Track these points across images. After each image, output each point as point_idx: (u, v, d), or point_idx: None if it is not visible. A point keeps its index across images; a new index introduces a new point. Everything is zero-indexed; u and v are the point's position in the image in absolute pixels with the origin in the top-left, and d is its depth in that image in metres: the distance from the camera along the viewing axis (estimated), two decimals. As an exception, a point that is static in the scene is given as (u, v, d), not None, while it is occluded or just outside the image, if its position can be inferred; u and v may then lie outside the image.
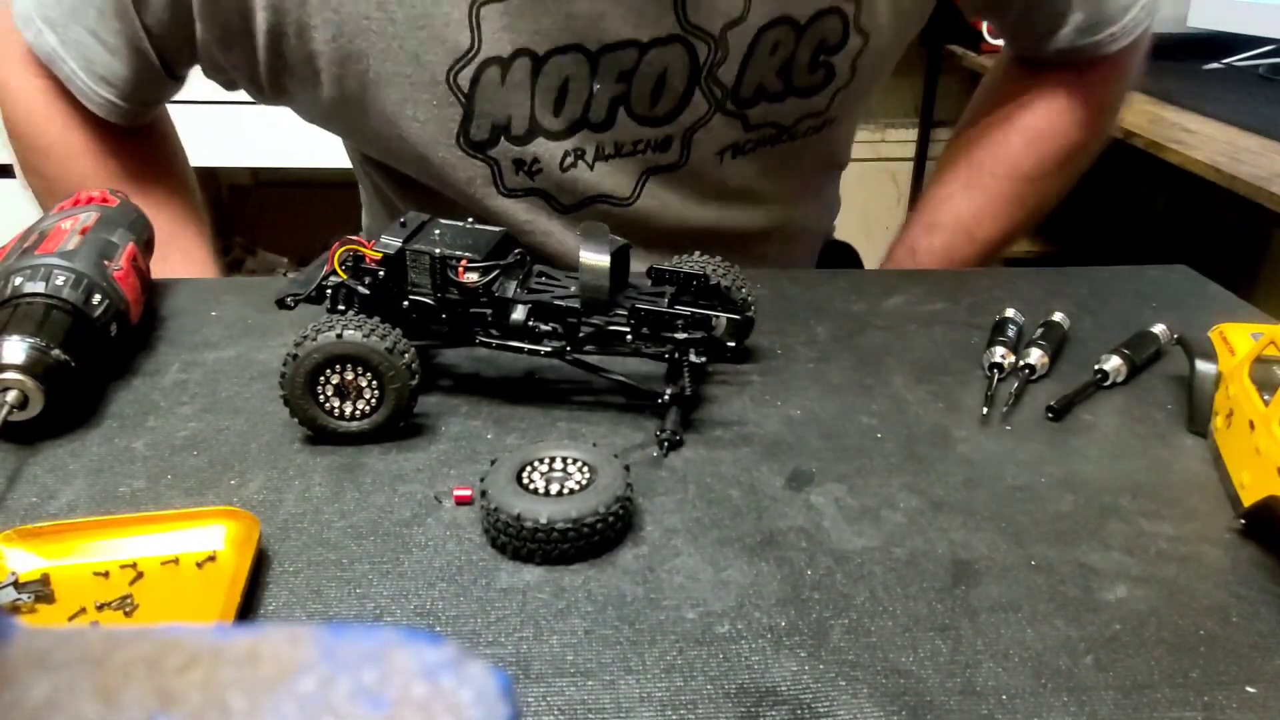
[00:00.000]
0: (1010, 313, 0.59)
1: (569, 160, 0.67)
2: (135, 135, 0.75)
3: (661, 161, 0.70)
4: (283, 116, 0.83)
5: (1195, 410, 0.50)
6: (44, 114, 0.72)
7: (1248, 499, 0.41)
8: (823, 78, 0.70)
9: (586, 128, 0.66)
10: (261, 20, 0.61)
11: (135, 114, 0.71)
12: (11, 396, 0.45)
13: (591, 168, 0.68)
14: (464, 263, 0.47)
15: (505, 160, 0.67)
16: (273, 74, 0.65)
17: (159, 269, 0.62)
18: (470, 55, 0.62)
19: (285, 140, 1.73)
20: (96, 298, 0.50)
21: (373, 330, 0.45)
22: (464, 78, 0.62)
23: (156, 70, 0.67)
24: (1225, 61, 1.70)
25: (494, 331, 0.49)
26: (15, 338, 0.45)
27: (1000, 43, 1.89)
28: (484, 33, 0.61)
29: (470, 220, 0.52)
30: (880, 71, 0.76)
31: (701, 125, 0.69)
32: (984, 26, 1.90)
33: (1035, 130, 0.84)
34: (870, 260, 1.16)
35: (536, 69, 0.63)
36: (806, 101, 0.71)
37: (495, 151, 0.66)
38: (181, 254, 0.74)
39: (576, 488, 0.40)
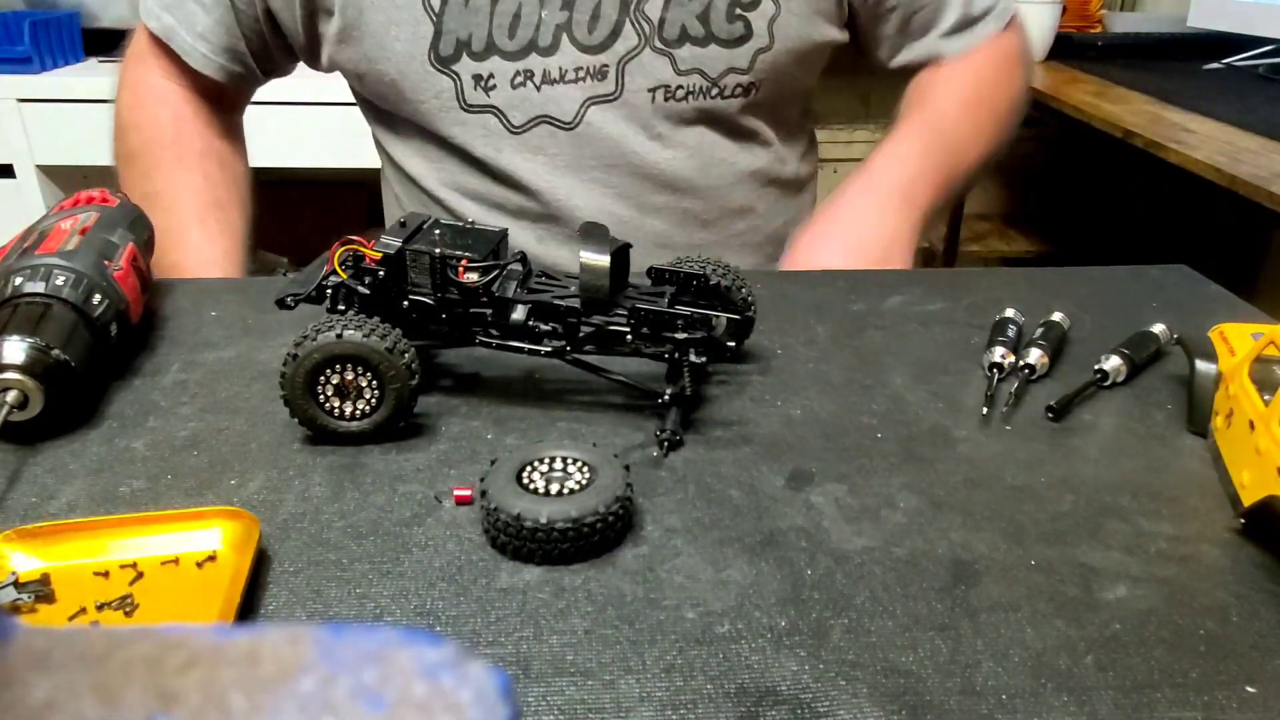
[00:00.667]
0: (1010, 313, 0.59)
1: (519, 79, 0.78)
2: (218, 126, 0.88)
3: (600, 91, 0.79)
4: (282, 117, 0.85)
5: (1195, 410, 0.50)
6: (151, 94, 0.86)
7: (1248, 499, 0.41)
8: (742, 31, 0.78)
9: (535, 51, 0.77)
10: None
11: (228, 72, 0.84)
12: (11, 396, 0.45)
13: (539, 89, 0.78)
14: (464, 263, 0.48)
15: (466, 75, 0.77)
16: (307, 12, 0.79)
17: (193, 233, 0.69)
18: None
19: (285, 140, 1.73)
20: (96, 298, 0.50)
21: (373, 330, 0.45)
22: (435, 0, 0.75)
23: (239, 22, 0.81)
24: (1225, 61, 1.70)
25: (494, 331, 0.49)
26: (15, 338, 0.45)
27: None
28: None
29: (470, 220, 0.52)
30: (802, 61, 0.83)
31: (633, 57, 0.78)
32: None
33: (960, 93, 0.89)
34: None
35: None
36: (729, 53, 0.79)
37: (458, 66, 0.77)
38: (219, 224, 0.83)
39: (576, 488, 0.40)
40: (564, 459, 0.42)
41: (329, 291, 0.49)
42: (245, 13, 0.81)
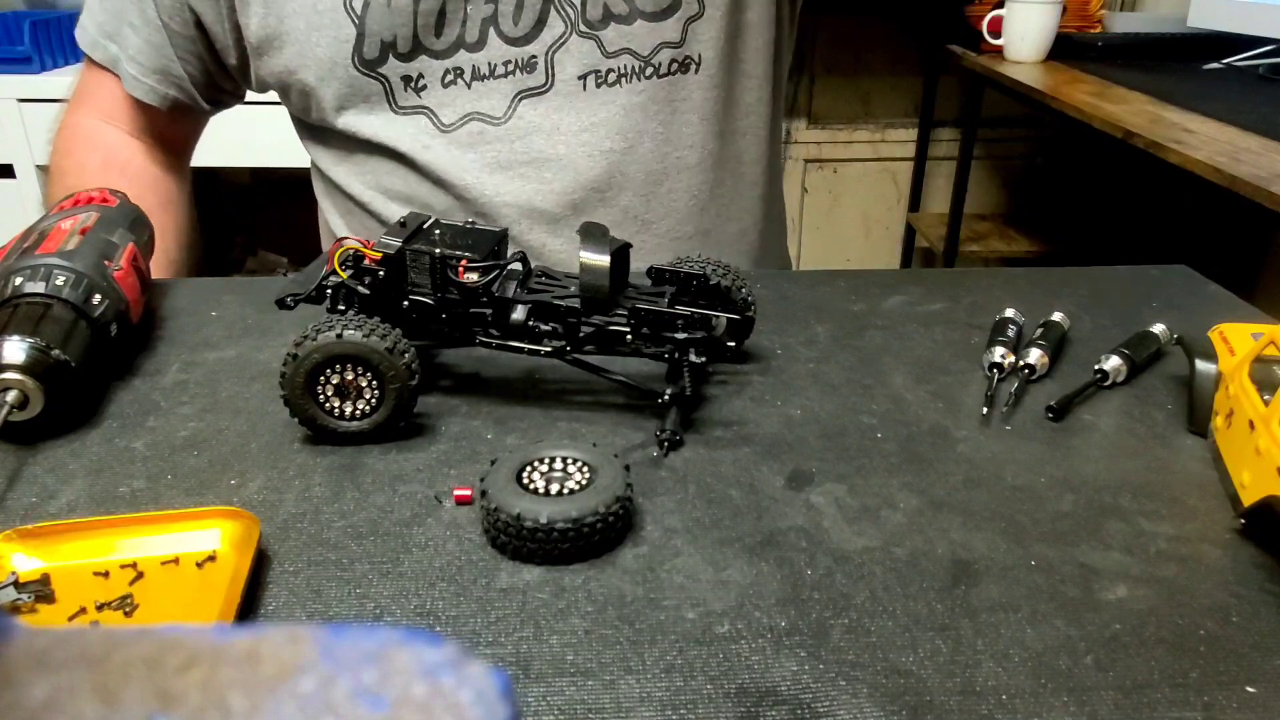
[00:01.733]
0: (1010, 313, 0.59)
1: (449, 78, 0.75)
2: (154, 171, 0.85)
3: (530, 84, 0.76)
4: (282, 117, 0.84)
5: (1195, 410, 0.50)
6: (81, 139, 0.84)
7: (1248, 499, 0.41)
8: (668, 2, 0.75)
9: (463, 47, 0.75)
10: None
11: (160, 96, 0.81)
12: (11, 396, 0.45)
13: (469, 86, 0.76)
14: (464, 263, 0.48)
15: (395, 77, 0.75)
16: (233, 23, 0.76)
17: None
18: None
19: (285, 140, 1.72)
20: (96, 298, 0.50)
21: (373, 330, 0.45)
22: (357, 3, 0.72)
23: (172, 42, 0.78)
24: (1225, 61, 1.70)
25: (494, 331, 0.49)
26: (15, 338, 0.45)
27: (1002, 42, 1.89)
28: None
29: (470, 220, 0.52)
30: (742, 26, 0.79)
31: (560, 45, 0.75)
32: (983, 26, 1.90)
33: None
34: (872, 261, 1.16)
35: None
36: (657, 27, 0.75)
37: (385, 69, 0.75)
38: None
39: (576, 488, 0.40)
40: (564, 459, 0.42)
41: (329, 291, 0.49)
42: (178, 32, 0.78)
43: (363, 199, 0.82)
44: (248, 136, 1.70)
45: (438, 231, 0.50)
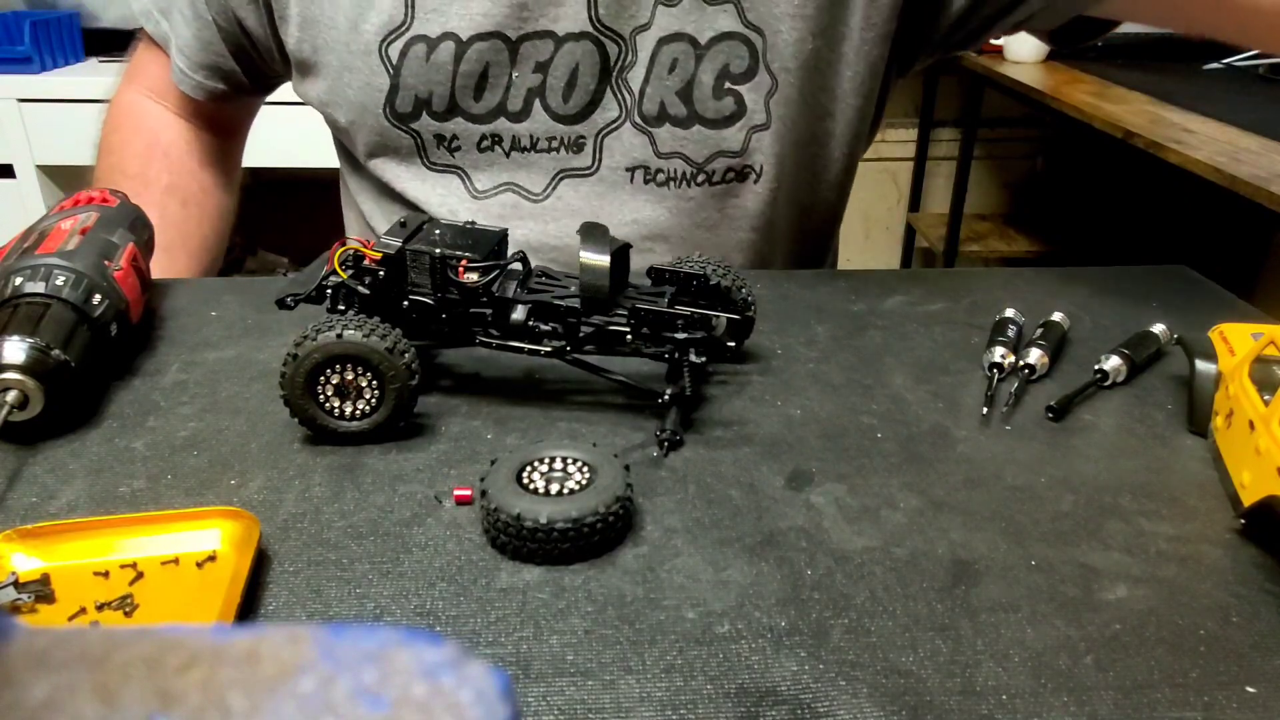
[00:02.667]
0: (1010, 313, 0.59)
1: (486, 143, 0.71)
2: (199, 155, 0.83)
3: (574, 164, 0.71)
4: (282, 117, 0.84)
5: (1195, 410, 0.50)
6: (131, 116, 0.83)
7: (1248, 499, 0.41)
8: (733, 109, 0.69)
9: (504, 115, 0.70)
10: None
11: (206, 90, 0.79)
12: (11, 396, 0.45)
13: (508, 155, 0.72)
14: (464, 263, 0.48)
15: (427, 134, 0.71)
16: (272, 30, 0.73)
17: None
18: (402, 29, 0.68)
19: (285, 140, 1.73)
20: (96, 298, 0.50)
21: (373, 330, 0.45)
22: (394, 50, 0.68)
23: (222, 39, 0.76)
24: (1225, 61, 1.70)
25: (494, 331, 0.49)
26: (15, 338, 0.45)
27: (1002, 42, 1.89)
28: (416, 10, 0.67)
29: (470, 221, 0.52)
30: (822, 135, 0.72)
31: (612, 130, 0.70)
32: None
33: None
34: (872, 261, 1.16)
35: (460, 53, 0.68)
36: (717, 134, 0.70)
37: (418, 125, 0.71)
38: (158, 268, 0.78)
39: (576, 488, 0.40)
40: (564, 459, 0.42)
41: (329, 291, 0.49)
42: (224, 29, 0.76)
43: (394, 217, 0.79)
44: (248, 136, 1.70)
45: (438, 232, 0.50)
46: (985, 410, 0.51)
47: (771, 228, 0.76)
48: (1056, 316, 0.58)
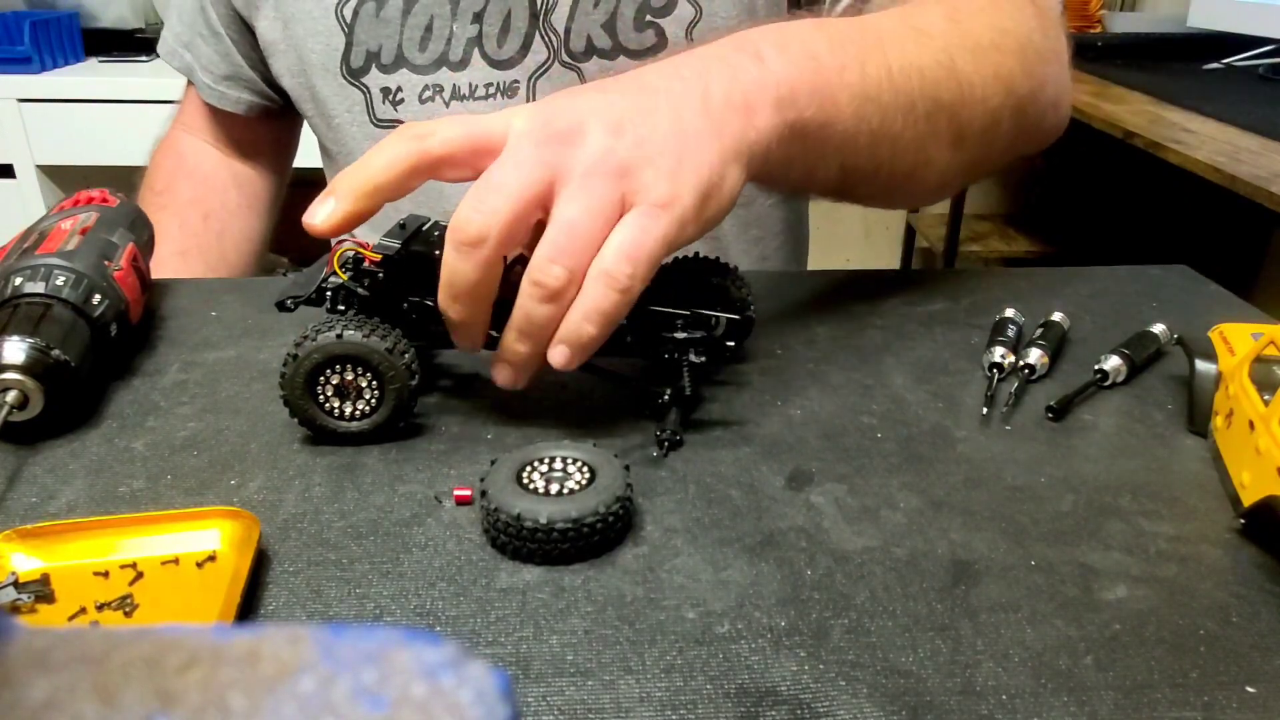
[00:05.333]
0: (1010, 313, 0.59)
1: (427, 93, 0.73)
2: (229, 177, 0.87)
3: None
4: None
5: (1195, 410, 0.50)
6: (166, 146, 0.87)
7: (1248, 499, 0.41)
8: (654, 40, 0.71)
9: (446, 65, 0.72)
10: None
11: (235, 101, 0.83)
12: (11, 396, 0.45)
13: (448, 105, 0.73)
14: None
15: (375, 88, 0.74)
16: (250, 50, 0.78)
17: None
18: None
19: (285, 140, 1.73)
20: (96, 298, 0.50)
21: (373, 330, 0.45)
22: (348, 10, 0.72)
23: (240, 52, 0.81)
24: (1225, 61, 1.70)
25: (493, 332, 0.49)
26: (15, 338, 0.45)
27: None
28: None
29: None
30: None
31: (543, 72, 0.72)
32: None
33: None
34: (872, 261, 1.15)
35: (408, 8, 0.71)
36: (641, 65, 0.70)
37: (367, 79, 0.74)
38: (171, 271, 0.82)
39: (576, 488, 0.40)
40: (564, 459, 0.42)
41: (329, 293, 0.49)
42: (237, 39, 0.80)
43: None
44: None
45: (437, 233, 0.50)
46: (985, 410, 0.51)
47: None
48: (1056, 316, 0.58)
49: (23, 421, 0.46)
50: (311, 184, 0.90)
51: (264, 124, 0.87)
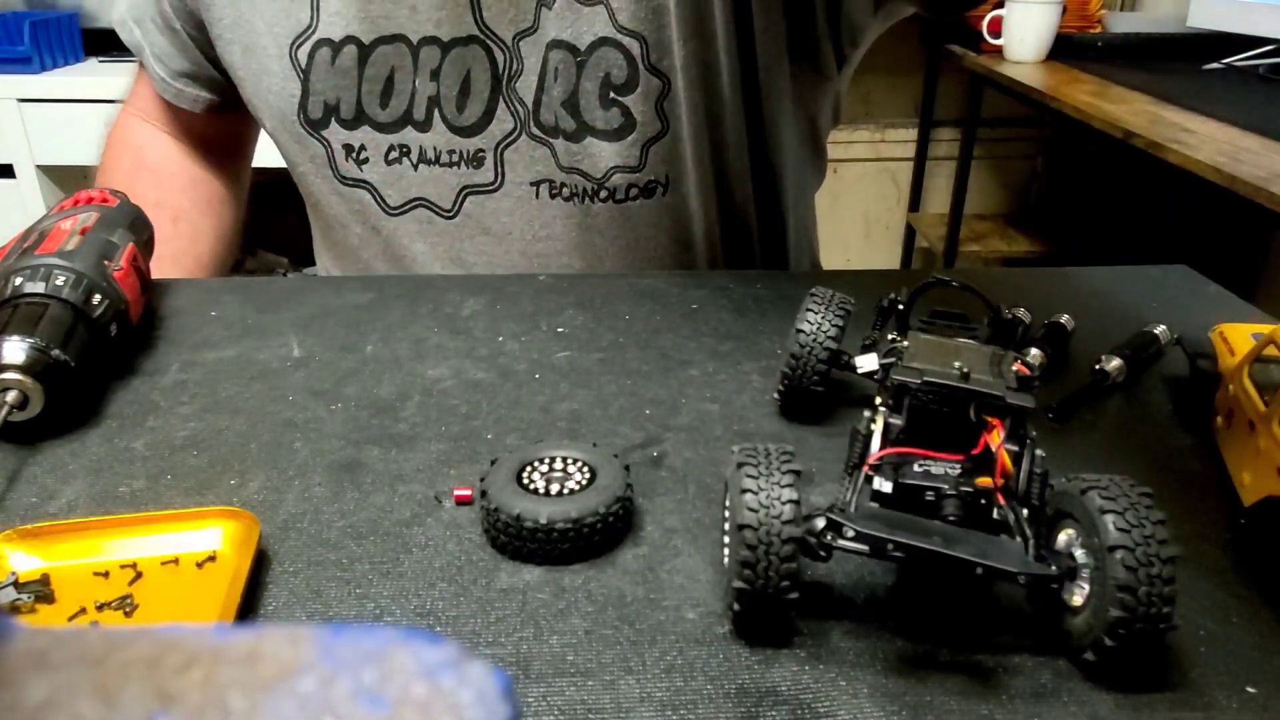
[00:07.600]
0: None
1: (393, 155, 0.69)
2: (192, 174, 0.82)
3: (476, 180, 0.68)
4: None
5: (1195, 410, 0.50)
6: (122, 135, 0.83)
7: (1248, 499, 0.41)
8: (621, 121, 0.65)
9: (410, 125, 0.67)
10: None
11: (191, 99, 0.78)
12: (11, 396, 0.45)
13: (416, 168, 0.69)
14: None
15: (336, 144, 0.69)
16: (207, 47, 0.73)
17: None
18: (308, 32, 0.66)
19: (285, 140, 1.73)
20: (96, 298, 0.50)
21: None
22: (302, 54, 0.67)
23: (191, 40, 0.75)
24: (1225, 61, 1.70)
25: None
26: (15, 338, 0.45)
27: (1002, 42, 1.89)
28: (321, 13, 0.66)
29: None
30: (720, 145, 0.67)
31: (510, 143, 0.66)
32: (983, 26, 1.90)
33: None
34: (872, 261, 1.15)
35: (363, 57, 0.66)
36: (611, 148, 0.65)
37: (327, 132, 0.69)
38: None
39: (576, 488, 0.40)
40: (564, 459, 0.42)
41: None
42: (194, 35, 0.75)
43: (334, 231, 0.76)
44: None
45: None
46: (985, 410, 0.51)
47: (694, 237, 0.72)
48: (1057, 317, 0.58)
49: (23, 421, 0.46)
50: (284, 182, 0.88)
51: (224, 118, 0.81)
